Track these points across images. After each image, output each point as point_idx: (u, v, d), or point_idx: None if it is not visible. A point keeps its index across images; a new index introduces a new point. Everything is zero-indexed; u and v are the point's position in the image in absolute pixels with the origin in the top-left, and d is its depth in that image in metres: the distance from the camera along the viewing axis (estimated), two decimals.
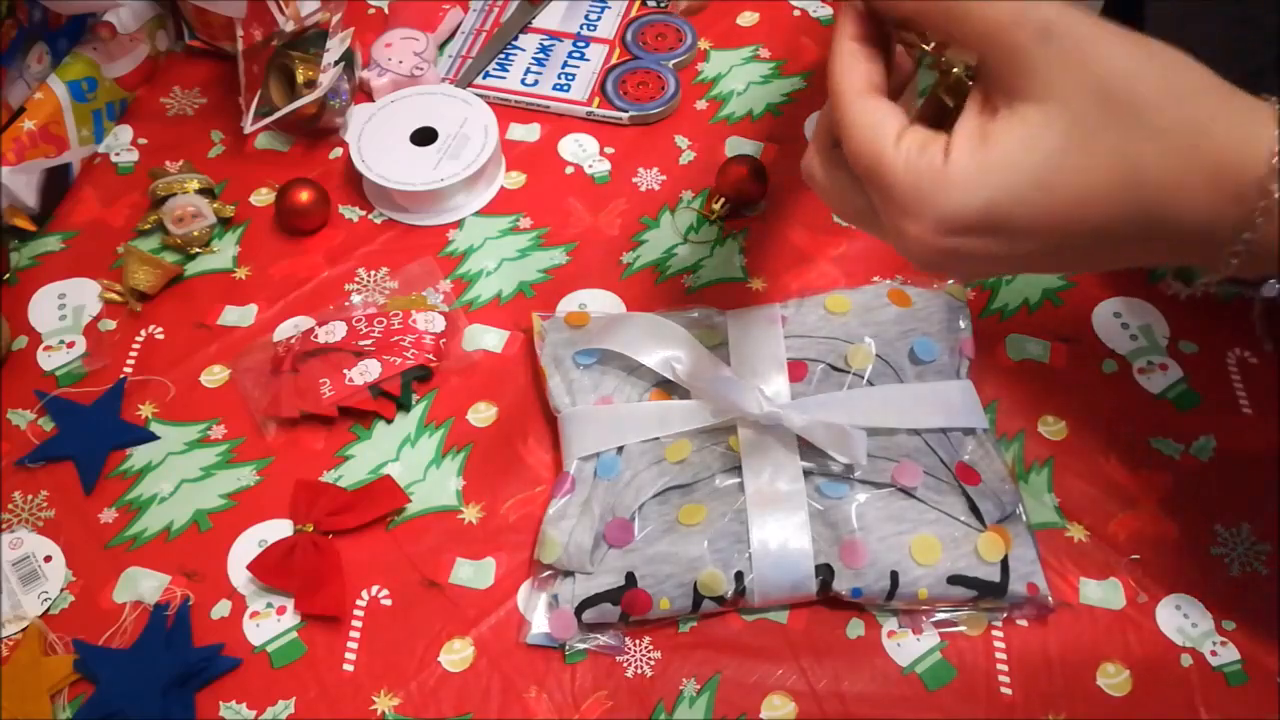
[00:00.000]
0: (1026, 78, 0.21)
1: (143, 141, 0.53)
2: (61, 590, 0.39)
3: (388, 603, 0.39)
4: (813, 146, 0.26)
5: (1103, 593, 0.38)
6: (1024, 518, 0.39)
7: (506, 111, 0.53)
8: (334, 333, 0.44)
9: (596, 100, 0.53)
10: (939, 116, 0.24)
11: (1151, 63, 0.21)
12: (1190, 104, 0.21)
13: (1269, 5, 0.36)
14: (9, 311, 0.46)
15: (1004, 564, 0.37)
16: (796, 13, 0.57)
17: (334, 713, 0.36)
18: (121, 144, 0.53)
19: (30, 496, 0.42)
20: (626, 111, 0.52)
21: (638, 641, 0.38)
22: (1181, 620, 0.38)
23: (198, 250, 0.49)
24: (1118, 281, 0.46)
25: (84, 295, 0.47)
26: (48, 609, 0.39)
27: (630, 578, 0.37)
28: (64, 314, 0.47)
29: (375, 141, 0.50)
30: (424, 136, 0.50)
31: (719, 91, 0.54)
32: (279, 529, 0.40)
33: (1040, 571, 0.37)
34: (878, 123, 0.23)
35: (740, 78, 0.54)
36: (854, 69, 0.24)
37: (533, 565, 0.39)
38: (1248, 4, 0.37)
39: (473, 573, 0.39)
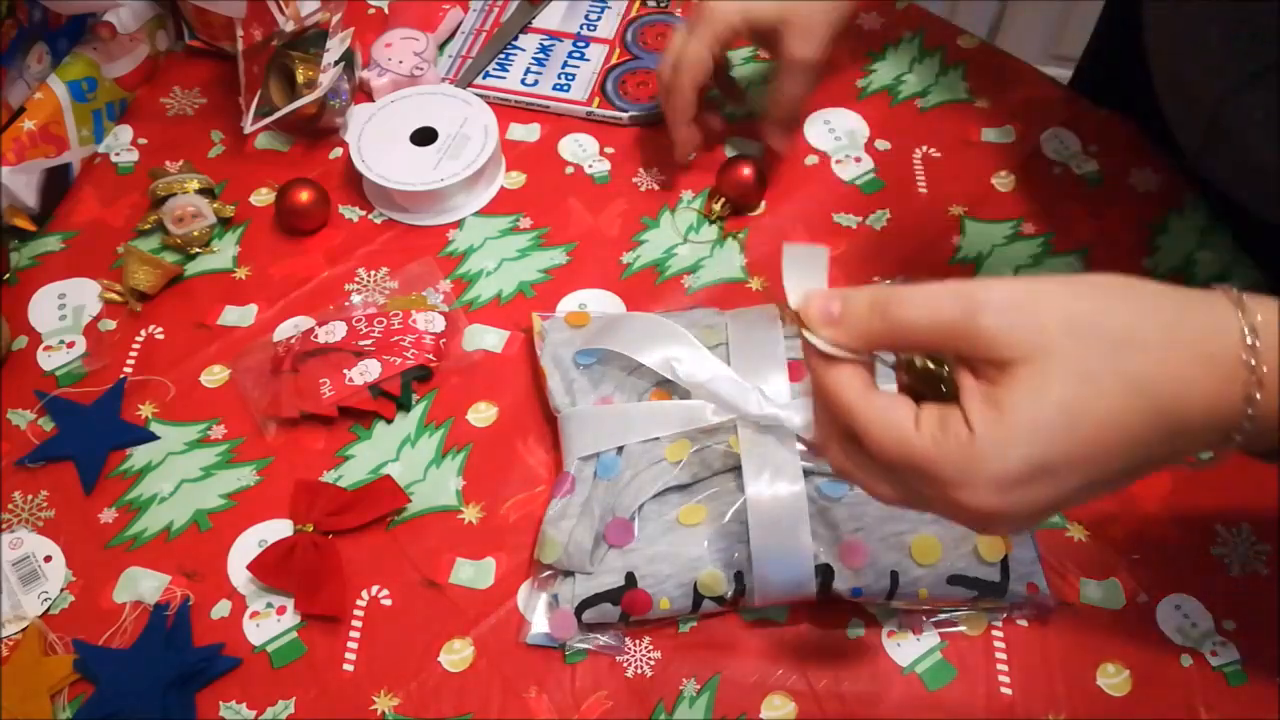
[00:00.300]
0: (1008, 347, 0.23)
1: (143, 141, 0.53)
2: (61, 590, 0.39)
3: (388, 603, 0.39)
4: (835, 448, 0.27)
5: (1103, 593, 0.38)
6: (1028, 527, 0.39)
7: (506, 111, 0.53)
8: (334, 333, 0.44)
9: (596, 100, 0.53)
10: (921, 394, 0.26)
11: (1106, 290, 0.24)
12: (1157, 307, 0.23)
13: (1267, 7, 0.36)
14: (9, 311, 0.46)
15: (1004, 564, 0.37)
16: None
17: (334, 713, 0.36)
18: (121, 144, 0.53)
19: (30, 496, 0.42)
20: (626, 111, 0.52)
21: (638, 641, 0.38)
22: (1181, 620, 0.38)
23: (198, 250, 0.49)
24: None
25: (84, 295, 0.47)
26: (48, 609, 0.39)
27: (630, 578, 0.37)
28: (64, 314, 0.47)
29: (375, 141, 0.50)
30: (424, 136, 0.50)
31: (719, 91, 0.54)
32: (279, 529, 0.40)
33: (1040, 571, 0.37)
34: (893, 418, 0.24)
35: (740, 78, 0.54)
36: (847, 373, 0.25)
37: (533, 565, 0.39)
38: (1245, 6, 0.37)
39: (473, 573, 0.39)
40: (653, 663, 0.37)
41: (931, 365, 0.26)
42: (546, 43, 0.56)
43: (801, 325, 0.26)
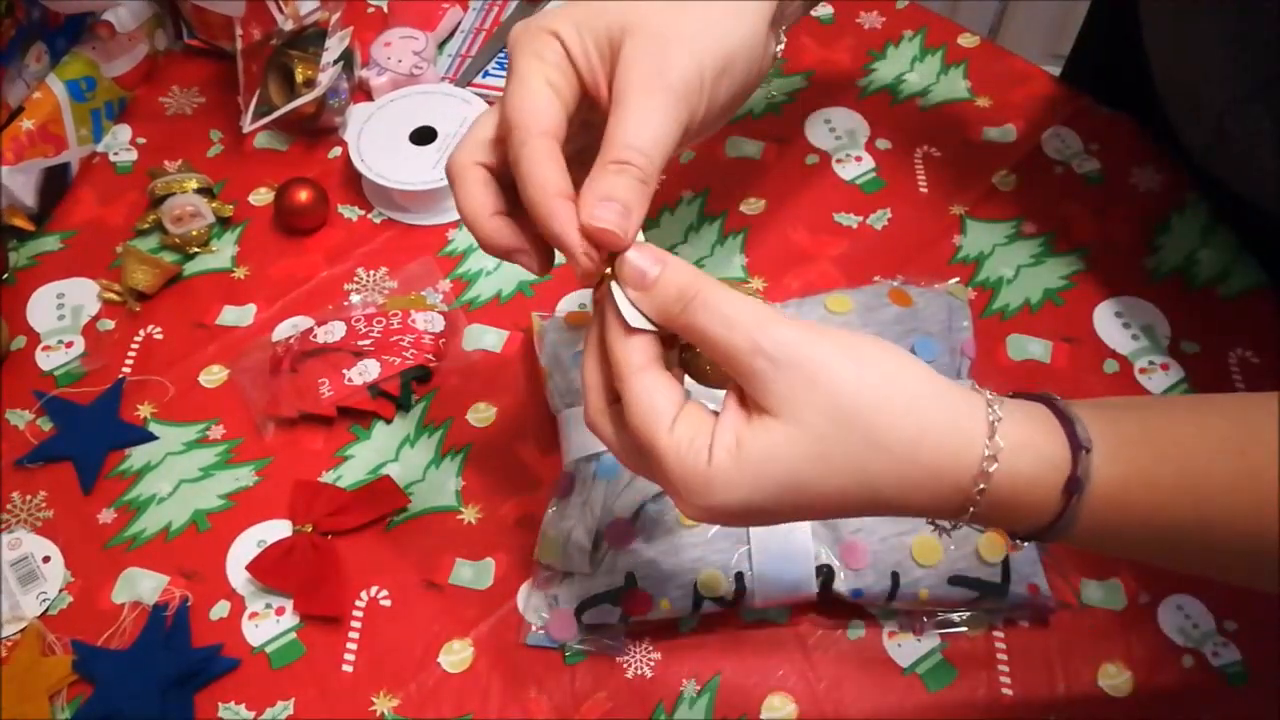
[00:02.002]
0: (768, 397, 0.24)
1: (141, 141, 0.53)
2: (60, 591, 0.39)
3: (387, 603, 0.39)
4: (592, 401, 0.27)
5: (1104, 593, 0.38)
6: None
7: None
8: (333, 333, 0.44)
9: None
10: (693, 366, 0.26)
11: (875, 384, 0.24)
12: (910, 416, 0.24)
13: (1265, 17, 0.35)
14: (7, 311, 0.46)
15: (1005, 565, 0.36)
16: None
17: (333, 714, 0.36)
18: (120, 143, 0.52)
19: (29, 497, 0.41)
20: None
21: (638, 642, 0.37)
22: (1183, 621, 0.38)
23: (196, 250, 0.48)
24: (1119, 281, 0.46)
25: (83, 295, 0.47)
26: (46, 609, 0.39)
27: (630, 578, 0.37)
28: (63, 314, 0.47)
29: (374, 141, 0.50)
30: (423, 136, 0.50)
31: None
32: (278, 529, 0.40)
33: (1041, 572, 0.37)
34: (655, 406, 0.25)
35: None
36: (632, 344, 0.25)
37: (532, 566, 0.39)
38: (1242, 18, 0.36)
39: (472, 573, 0.39)
40: (653, 663, 0.37)
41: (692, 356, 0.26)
42: None
43: (613, 276, 0.25)
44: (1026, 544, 0.26)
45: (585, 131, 0.28)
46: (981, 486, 0.24)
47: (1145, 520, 0.25)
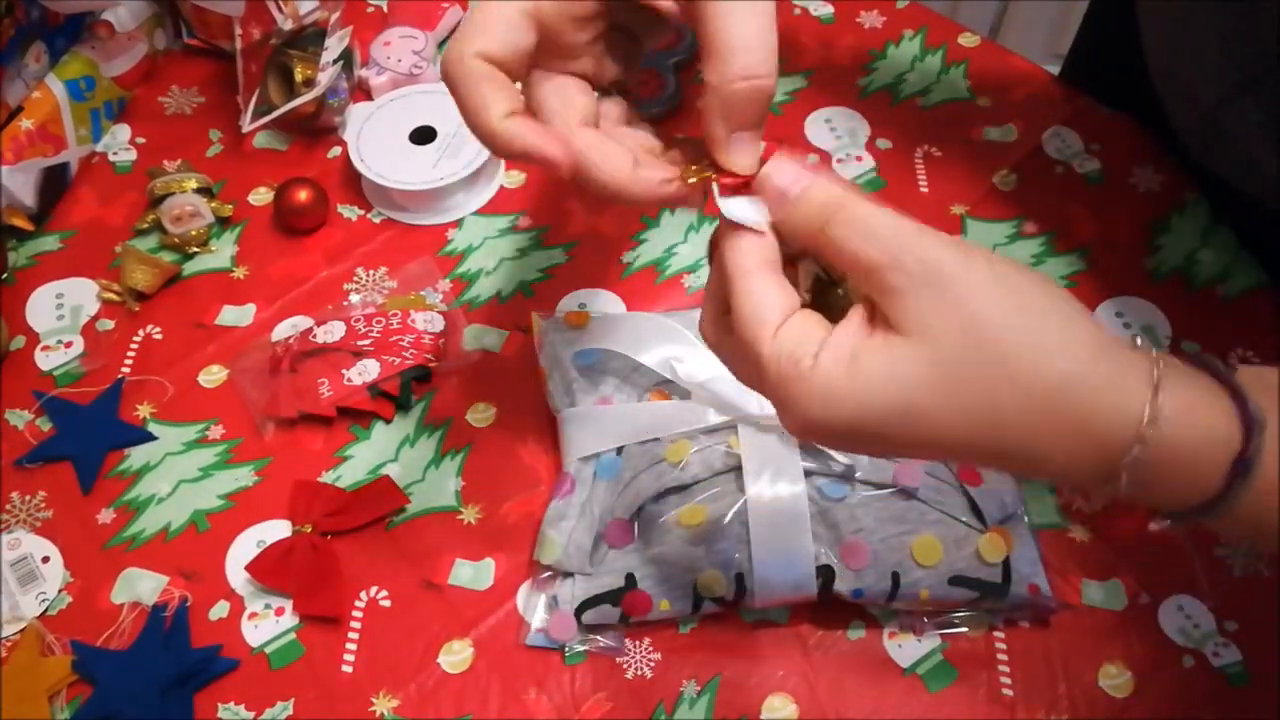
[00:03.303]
0: (901, 313, 0.22)
1: (141, 140, 0.53)
2: (59, 591, 0.39)
3: (387, 604, 0.39)
4: (707, 312, 0.26)
5: (1105, 594, 0.38)
6: (1025, 518, 0.38)
7: None
8: (332, 333, 0.44)
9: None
10: (822, 301, 0.24)
11: (1023, 315, 0.22)
12: (1058, 361, 0.22)
13: (1257, 12, 0.35)
14: (7, 311, 0.46)
15: (1006, 565, 0.36)
16: (796, 11, 0.57)
17: (333, 714, 0.36)
18: (119, 143, 0.52)
19: (28, 497, 0.41)
20: None
21: (638, 643, 0.37)
22: (1184, 621, 0.38)
23: (195, 250, 0.48)
24: (1120, 281, 0.46)
25: (82, 295, 0.47)
26: (45, 610, 0.39)
27: (630, 579, 0.37)
28: (62, 314, 0.47)
29: (374, 140, 0.50)
30: (423, 135, 0.50)
31: None
32: (277, 530, 0.40)
33: (1042, 572, 0.37)
34: (762, 306, 0.23)
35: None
36: (745, 243, 0.24)
37: (532, 566, 0.39)
38: (1234, 13, 0.36)
39: (472, 574, 0.39)
40: (653, 664, 0.37)
41: (829, 278, 0.24)
42: None
43: (724, 185, 0.24)
44: (1169, 523, 0.23)
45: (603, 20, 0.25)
46: (1136, 453, 0.21)
47: None
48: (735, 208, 0.24)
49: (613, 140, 0.26)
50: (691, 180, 0.24)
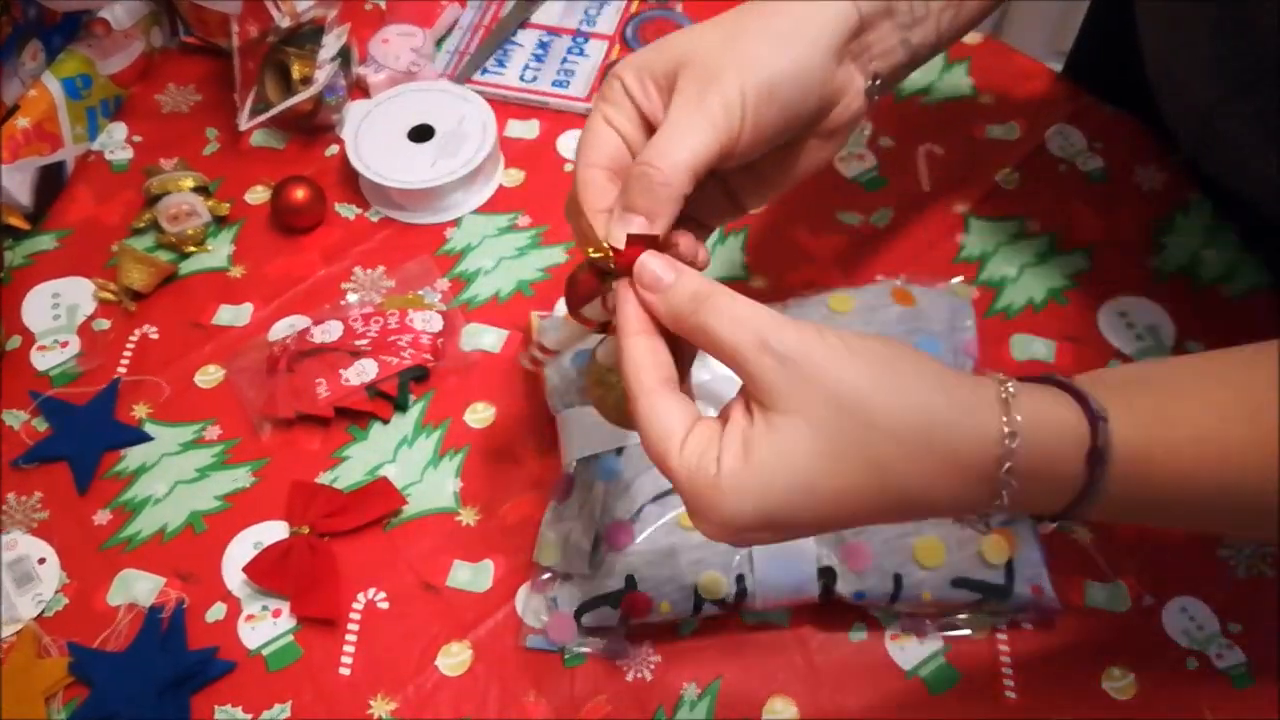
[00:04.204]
0: (773, 394, 0.24)
1: (137, 139, 0.52)
2: (56, 592, 0.39)
3: (384, 606, 0.38)
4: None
5: (1108, 595, 0.38)
6: (1029, 519, 0.38)
7: (505, 108, 0.53)
8: (330, 332, 0.44)
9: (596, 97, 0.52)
10: None
11: (876, 374, 0.24)
12: (918, 403, 0.24)
13: (1252, 15, 0.35)
14: (3, 311, 0.46)
15: (1008, 566, 0.36)
16: None
17: (330, 716, 0.36)
18: (116, 141, 0.52)
19: (24, 498, 0.41)
20: None
21: (638, 645, 0.37)
22: (1187, 623, 0.37)
23: (192, 249, 0.48)
24: (1124, 281, 0.46)
25: (78, 294, 0.47)
26: (42, 611, 0.38)
27: (630, 581, 0.36)
28: (58, 313, 0.46)
29: (372, 138, 0.49)
30: (421, 133, 0.49)
31: None
32: (274, 531, 0.40)
33: (1045, 574, 0.37)
34: (666, 428, 0.25)
35: None
36: (645, 362, 0.26)
37: (531, 568, 0.38)
38: (1229, 15, 0.36)
39: (470, 575, 0.39)
40: (653, 667, 0.37)
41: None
42: (545, 39, 0.55)
43: (617, 273, 0.26)
44: (1055, 524, 0.26)
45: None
46: (1008, 466, 0.24)
47: (1169, 485, 0.25)
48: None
49: None
50: (593, 254, 0.27)
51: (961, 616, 0.37)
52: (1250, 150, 0.39)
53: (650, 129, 0.28)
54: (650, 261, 0.26)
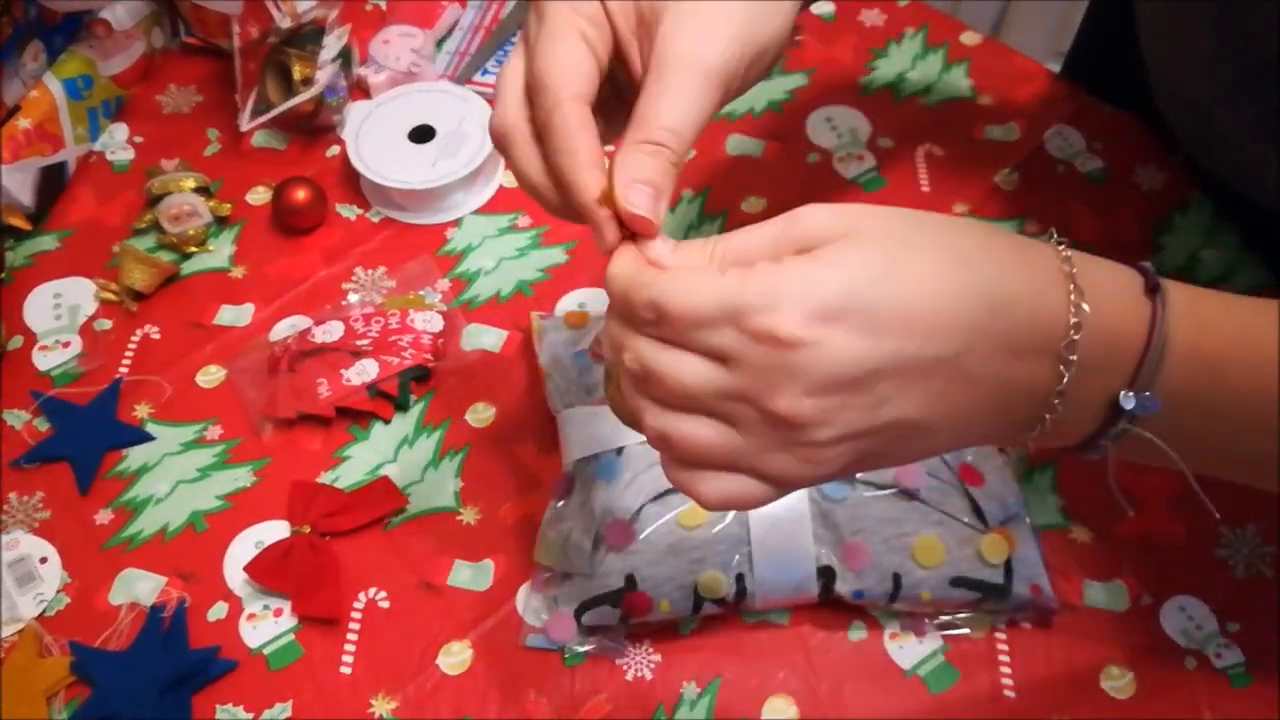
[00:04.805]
0: (821, 232, 0.22)
1: (138, 139, 0.52)
2: (57, 592, 0.39)
3: (385, 605, 0.38)
4: (630, 389, 0.24)
5: (1107, 595, 0.38)
6: (1028, 519, 0.38)
7: None
8: (331, 332, 0.44)
9: None
10: None
11: (920, 215, 0.23)
12: (974, 227, 0.23)
13: (1252, 9, 0.35)
14: (4, 311, 0.46)
15: (1007, 566, 0.36)
16: None
17: (331, 715, 0.36)
18: (117, 142, 0.52)
19: (26, 498, 0.41)
20: None
21: (638, 644, 0.37)
22: (1186, 622, 0.38)
23: (193, 249, 0.48)
24: None
25: (80, 295, 0.47)
26: (44, 611, 0.38)
27: (630, 580, 0.36)
28: (59, 313, 0.47)
29: (372, 139, 0.49)
30: (422, 134, 0.50)
31: None
32: (276, 530, 0.40)
33: (1044, 573, 0.37)
34: (694, 274, 0.22)
35: None
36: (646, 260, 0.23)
37: (532, 567, 0.38)
38: (1230, 9, 0.36)
39: (471, 575, 0.39)
40: (653, 666, 0.37)
41: None
42: None
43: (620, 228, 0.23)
44: (1116, 432, 0.23)
45: (608, 85, 0.26)
46: (1074, 295, 0.22)
47: (1234, 380, 0.23)
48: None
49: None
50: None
51: (961, 616, 0.37)
52: (1249, 148, 0.39)
53: (614, 52, 0.25)
54: (659, 246, 0.24)
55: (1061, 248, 0.23)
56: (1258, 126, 0.38)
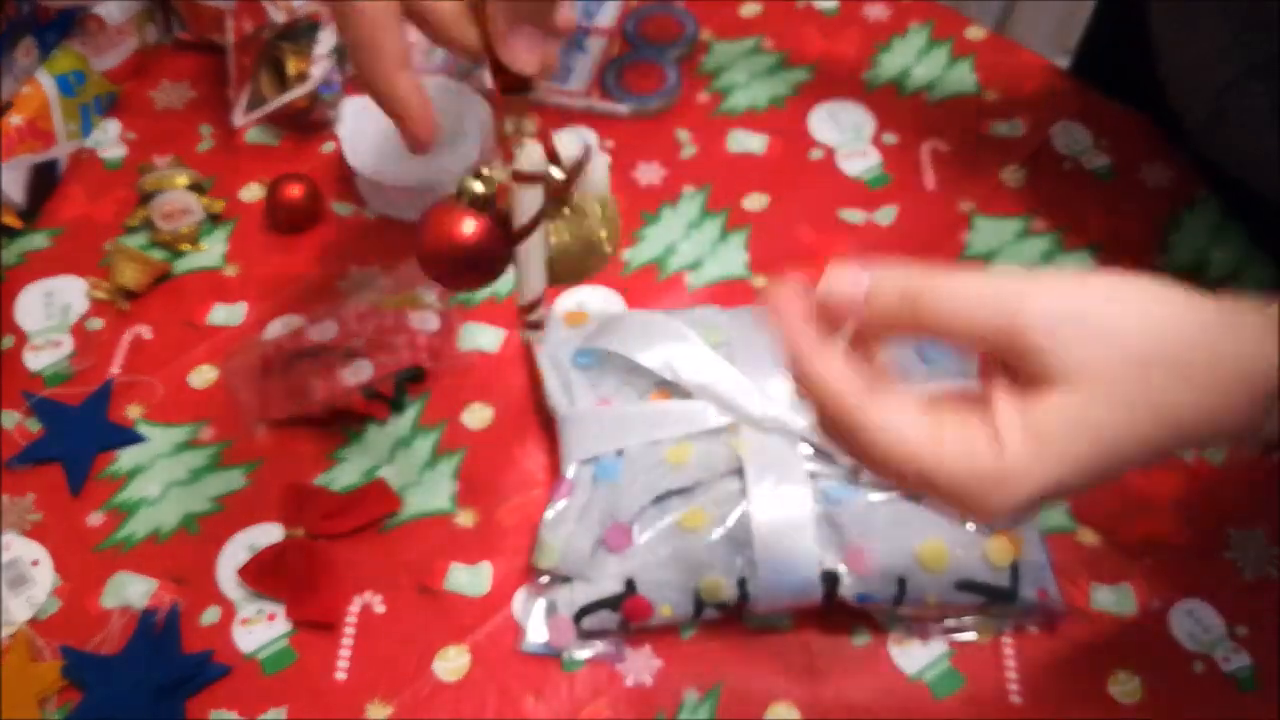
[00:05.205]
0: (1051, 368, 0.22)
1: (131, 136, 0.52)
2: (49, 595, 0.38)
3: (381, 609, 0.38)
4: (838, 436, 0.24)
5: (1114, 599, 0.38)
6: (1034, 522, 0.38)
7: None
8: (325, 332, 0.43)
9: (595, 93, 0.52)
10: None
11: (1148, 309, 0.23)
12: (1201, 342, 0.22)
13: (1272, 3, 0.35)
14: None
15: (1014, 569, 0.36)
16: (800, 4, 0.56)
17: None
18: (109, 138, 0.52)
19: (18, 499, 0.41)
20: (626, 104, 0.51)
21: (638, 649, 0.37)
22: (1193, 626, 0.37)
23: (186, 247, 0.48)
24: None
25: (71, 293, 0.46)
26: (35, 614, 0.38)
27: (630, 584, 0.36)
28: (51, 312, 0.46)
29: (368, 135, 0.49)
30: None
31: (721, 84, 0.53)
32: (269, 533, 0.40)
33: (1051, 577, 0.37)
34: (907, 425, 0.22)
35: (743, 70, 0.53)
36: (839, 373, 0.23)
37: (530, 571, 0.38)
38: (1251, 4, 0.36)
39: (468, 579, 0.39)
40: (653, 671, 0.36)
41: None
42: None
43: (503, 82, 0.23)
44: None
45: None
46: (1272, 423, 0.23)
47: None
48: (529, 156, 0.23)
49: None
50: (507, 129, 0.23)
51: (966, 619, 0.37)
52: (1263, 138, 0.38)
53: None
54: (835, 280, 0.23)
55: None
56: (1272, 115, 0.37)
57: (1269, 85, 0.37)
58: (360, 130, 0.49)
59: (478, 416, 0.43)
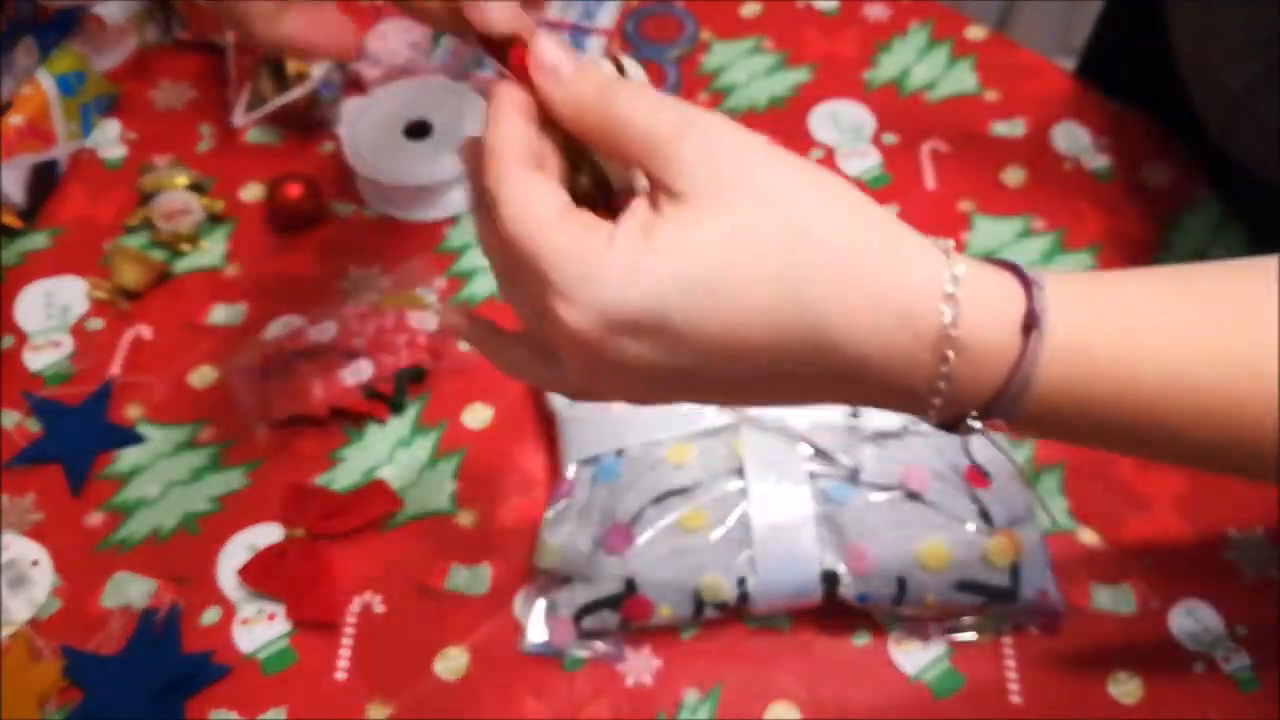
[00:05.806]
0: (692, 181, 0.21)
1: (131, 136, 0.52)
2: (49, 595, 0.38)
3: (381, 609, 0.38)
4: (481, 217, 0.24)
5: (1114, 599, 0.38)
6: (1035, 522, 0.38)
7: None
8: (326, 332, 0.43)
9: None
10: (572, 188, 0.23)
11: (822, 183, 0.21)
12: (858, 229, 0.21)
13: None
14: None
15: (1014, 569, 0.36)
16: (800, 5, 0.56)
17: None
18: (109, 138, 0.52)
19: (18, 499, 0.41)
20: None
21: (638, 649, 0.37)
22: (1193, 626, 0.37)
23: (186, 247, 0.48)
24: None
25: (71, 294, 0.46)
26: (35, 614, 0.38)
27: (630, 584, 0.36)
28: (51, 313, 0.46)
29: (368, 135, 0.49)
30: (418, 129, 0.49)
31: (721, 84, 0.53)
32: (269, 533, 0.39)
33: (1050, 577, 0.37)
34: (539, 198, 0.21)
35: (743, 70, 0.53)
36: (515, 139, 0.22)
37: (530, 571, 0.38)
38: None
39: (468, 579, 0.39)
40: (653, 671, 0.36)
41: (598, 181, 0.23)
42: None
43: (507, 62, 0.22)
44: (981, 425, 0.22)
45: None
46: (948, 320, 0.20)
47: (1115, 377, 0.21)
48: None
49: None
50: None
51: (966, 620, 0.37)
52: None
53: None
54: (548, 45, 0.22)
55: (948, 279, 0.21)
56: None
57: None
58: (360, 130, 0.49)
59: (478, 416, 0.43)
